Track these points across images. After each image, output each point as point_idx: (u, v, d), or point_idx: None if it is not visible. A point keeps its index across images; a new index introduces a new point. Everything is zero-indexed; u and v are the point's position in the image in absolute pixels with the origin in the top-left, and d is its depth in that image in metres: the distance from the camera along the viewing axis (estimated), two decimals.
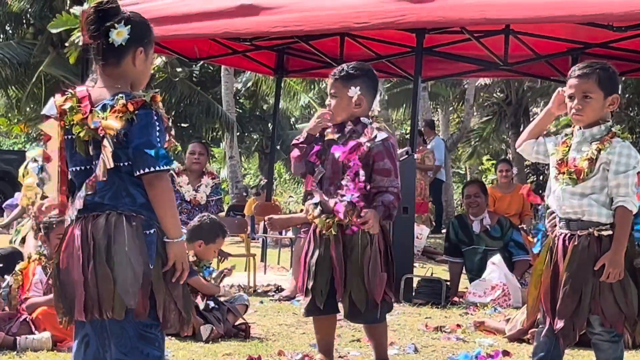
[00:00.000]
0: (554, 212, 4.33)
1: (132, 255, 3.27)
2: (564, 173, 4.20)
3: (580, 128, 4.25)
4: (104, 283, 3.28)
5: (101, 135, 3.27)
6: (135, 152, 3.28)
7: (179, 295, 3.40)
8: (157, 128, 3.33)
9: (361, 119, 4.91)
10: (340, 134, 4.92)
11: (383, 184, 4.79)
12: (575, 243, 4.17)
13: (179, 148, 4.62)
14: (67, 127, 3.38)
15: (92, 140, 3.32)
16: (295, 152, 5.01)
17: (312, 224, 4.98)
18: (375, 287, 4.78)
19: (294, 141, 5.02)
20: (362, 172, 4.78)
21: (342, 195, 4.79)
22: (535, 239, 4.36)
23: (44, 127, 3.48)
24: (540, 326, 4.35)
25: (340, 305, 5.00)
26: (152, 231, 3.34)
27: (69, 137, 3.40)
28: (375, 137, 4.82)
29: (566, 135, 4.31)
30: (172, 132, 3.53)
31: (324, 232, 4.85)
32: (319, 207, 4.88)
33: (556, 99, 4.33)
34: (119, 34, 3.37)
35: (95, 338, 3.40)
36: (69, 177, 3.49)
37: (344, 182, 4.82)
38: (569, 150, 4.24)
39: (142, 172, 3.28)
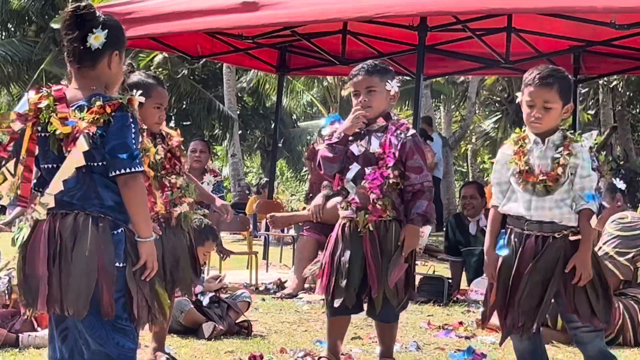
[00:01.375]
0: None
1: (89, 258, 3.33)
2: (534, 182, 4.21)
3: (536, 135, 4.27)
4: (67, 282, 3.35)
5: (76, 134, 3.32)
6: (111, 153, 3.35)
7: (148, 293, 3.48)
8: (133, 130, 3.40)
9: (391, 114, 4.94)
10: (371, 129, 4.90)
11: (417, 181, 4.81)
12: (550, 242, 4.22)
13: (153, 150, 4.64)
14: (41, 124, 3.43)
15: (66, 139, 3.36)
16: (326, 152, 4.91)
17: (338, 223, 4.96)
18: (394, 276, 4.78)
19: (327, 141, 4.93)
20: (391, 164, 4.78)
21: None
22: (500, 241, 4.37)
23: (14, 126, 3.49)
24: (513, 333, 4.36)
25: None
26: (119, 230, 3.41)
27: (43, 134, 3.45)
28: (407, 132, 4.85)
29: (516, 143, 4.31)
30: (145, 134, 3.58)
31: (360, 228, 4.83)
32: (353, 205, 4.86)
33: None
34: (97, 39, 3.44)
35: (74, 331, 3.48)
36: (40, 173, 3.53)
37: (369, 173, 4.82)
38: (528, 159, 4.26)
39: (117, 172, 3.34)
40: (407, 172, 4.81)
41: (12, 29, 23.37)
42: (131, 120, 3.39)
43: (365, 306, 4.97)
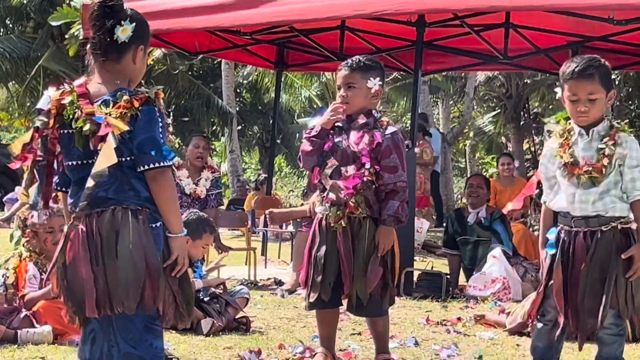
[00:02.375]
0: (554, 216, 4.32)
1: (135, 252, 3.29)
2: (580, 174, 4.15)
3: (580, 127, 4.20)
4: (114, 279, 3.29)
5: (105, 130, 3.26)
6: (139, 148, 3.30)
7: (177, 290, 3.44)
8: (160, 124, 3.36)
9: (373, 111, 4.92)
10: (352, 125, 4.90)
11: (390, 180, 4.79)
12: (599, 237, 4.13)
13: (177, 145, 4.63)
14: (65, 120, 3.37)
15: (92, 135, 3.31)
16: (307, 146, 4.92)
17: (317, 217, 4.98)
18: (370, 280, 4.78)
19: (306, 134, 4.96)
20: (368, 165, 4.78)
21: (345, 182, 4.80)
22: (550, 239, 4.31)
23: (38, 123, 3.45)
24: (540, 323, 4.32)
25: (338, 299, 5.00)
26: (158, 224, 3.38)
27: (66, 131, 3.39)
28: (386, 130, 4.83)
29: (561, 136, 4.25)
30: (170, 129, 3.54)
31: (332, 224, 4.84)
32: (326, 201, 4.86)
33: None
34: (124, 31, 3.39)
35: (102, 333, 3.41)
36: (65, 171, 3.48)
37: (345, 170, 4.81)
38: (573, 151, 4.20)
39: (146, 167, 3.30)
40: (381, 172, 4.79)
41: (10, 25, 23.33)
42: (158, 114, 3.35)
43: (344, 301, 4.99)
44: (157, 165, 3.30)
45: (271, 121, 14.11)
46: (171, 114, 26.22)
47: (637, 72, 18.81)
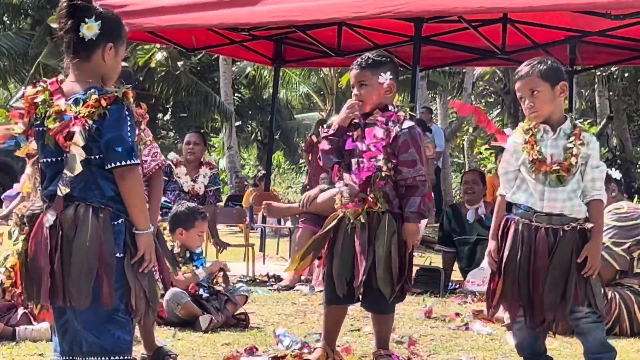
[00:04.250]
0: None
1: (90, 249, 3.36)
2: (547, 172, 4.21)
3: (545, 124, 4.27)
4: (65, 272, 3.38)
5: (72, 129, 3.35)
6: (107, 146, 3.38)
7: (146, 285, 3.51)
8: (129, 123, 3.42)
9: (389, 106, 4.93)
10: (368, 122, 4.91)
11: (409, 175, 4.79)
12: (561, 235, 4.22)
13: (148, 143, 4.65)
14: (38, 119, 3.46)
15: (61, 134, 3.38)
16: (325, 145, 4.94)
17: (333, 216, 4.95)
18: (397, 276, 4.80)
19: (323, 133, 4.97)
20: (380, 157, 4.78)
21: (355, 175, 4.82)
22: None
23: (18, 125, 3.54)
24: (518, 321, 4.37)
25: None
26: (119, 221, 3.44)
27: (40, 129, 3.47)
28: (402, 124, 4.83)
29: (526, 132, 4.30)
30: (142, 127, 3.66)
31: (352, 220, 4.83)
32: (346, 194, 4.86)
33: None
34: (89, 29, 3.46)
35: (73, 324, 3.49)
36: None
37: (358, 163, 4.82)
38: (539, 148, 4.25)
39: (113, 165, 3.38)
40: (399, 166, 4.79)
41: (8, 22, 23.34)
42: (127, 113, 3.42)
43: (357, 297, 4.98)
44: (124, 163, 3.38)
45: (269, 117, 14.11)
46: (169, 110, 26.23)
47: (635, 66, 18.81)
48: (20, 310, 5.60)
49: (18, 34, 21.54)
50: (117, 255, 3.42)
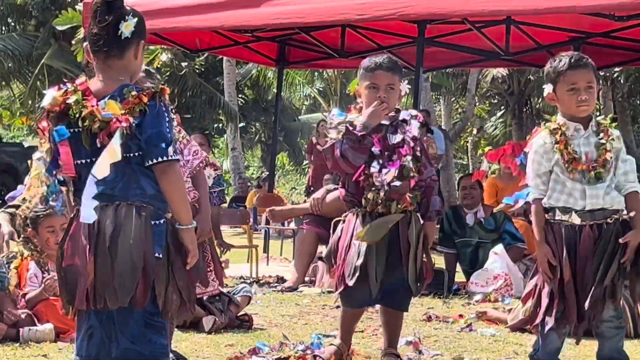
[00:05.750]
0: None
1: (135, 247, 3.30)
2: (584, 170, 4.17)
3: (575, 122, 4.21)
4: (105, 272, 3.30)
5: (114, 127, 3.29)
6: (148, 142, 3.33)
7: (184, 286, 3.44)
8: (167, 119, 3.39)
9: (401, 111, 5.02)
10: (391, 126, 4.95)
11: (427, 175, 4.92)
12: (605, 228, 4.19)
13: (181, 139, 4.65)
14: (71, 120, 3.39)
15: (100, 133, 3.33)
16: (353, 143, 4.90)
17: (350, 217, 4.93)
18: (425, 272, 4.91)
19: (353, 132, 4.88)
20: (409, 159, 4.83)
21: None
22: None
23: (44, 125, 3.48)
24: (548, 320, 4.25)
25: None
26: (161, 221, 3.39)
27: (73, 130, 3.39)
28: (423, 127, 4.95)
29: (554, 132, 4.23)
30: (175, 124, 3.59)
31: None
32: (382, 193, 4.84)
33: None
34: (128, 27, 3.41)
35: (100, 329, 3.41)
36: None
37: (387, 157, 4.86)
38: (572, 146, 4.20)
39: (154, 161, 3.33)
40: (421, 167, 4.90)
41: (12, 24, 23.35)
42: (164, 108, 3.39)
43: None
44: (165, 158, 3.33)
45: (273, 118, 14.12)
46: (173, 111, 26.24)
47: (639, 68, 18.78)
48: (24, 312, 5.61)
49: (22, 36, 21.55)
50: (157, 255, 3.35)
